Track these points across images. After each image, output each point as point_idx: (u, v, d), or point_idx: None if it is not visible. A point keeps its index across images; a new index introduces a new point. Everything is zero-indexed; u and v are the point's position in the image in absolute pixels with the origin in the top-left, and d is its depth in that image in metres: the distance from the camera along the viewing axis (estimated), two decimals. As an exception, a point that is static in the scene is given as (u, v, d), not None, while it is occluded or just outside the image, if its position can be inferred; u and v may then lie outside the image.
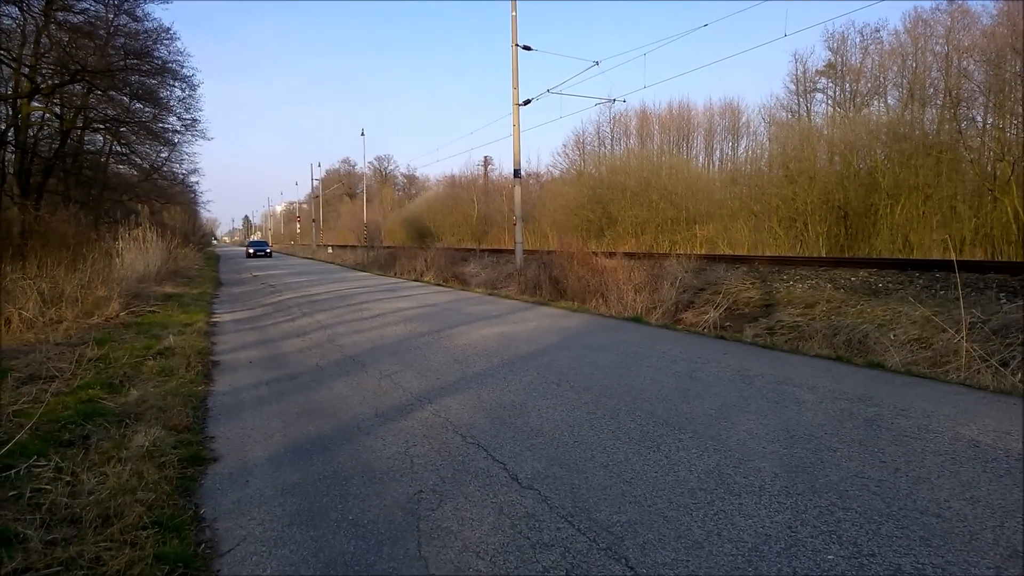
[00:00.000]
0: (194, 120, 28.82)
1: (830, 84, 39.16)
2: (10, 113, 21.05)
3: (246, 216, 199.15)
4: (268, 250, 60.94)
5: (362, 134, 61.70)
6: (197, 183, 42.05)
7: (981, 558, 3.26)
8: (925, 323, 10.37)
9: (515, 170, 23.34)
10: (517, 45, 22.39)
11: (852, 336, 10.98)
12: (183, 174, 34.91)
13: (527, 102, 23.42)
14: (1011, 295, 11.34)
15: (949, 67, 28.81)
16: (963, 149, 25.96)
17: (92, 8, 21.12)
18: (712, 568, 3.24)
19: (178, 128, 28.85)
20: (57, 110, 23.84)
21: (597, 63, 22.84)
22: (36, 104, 22.03)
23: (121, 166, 30.31)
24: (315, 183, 77.15)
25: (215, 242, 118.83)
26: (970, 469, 4.40)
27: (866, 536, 3.51)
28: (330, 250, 61.16)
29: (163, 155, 31.30)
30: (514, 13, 22.31)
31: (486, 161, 76.37)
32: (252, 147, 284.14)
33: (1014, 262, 16.97)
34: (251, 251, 58.62)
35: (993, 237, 23.86)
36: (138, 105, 26.00)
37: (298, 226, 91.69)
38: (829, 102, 38.71)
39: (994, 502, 3.88)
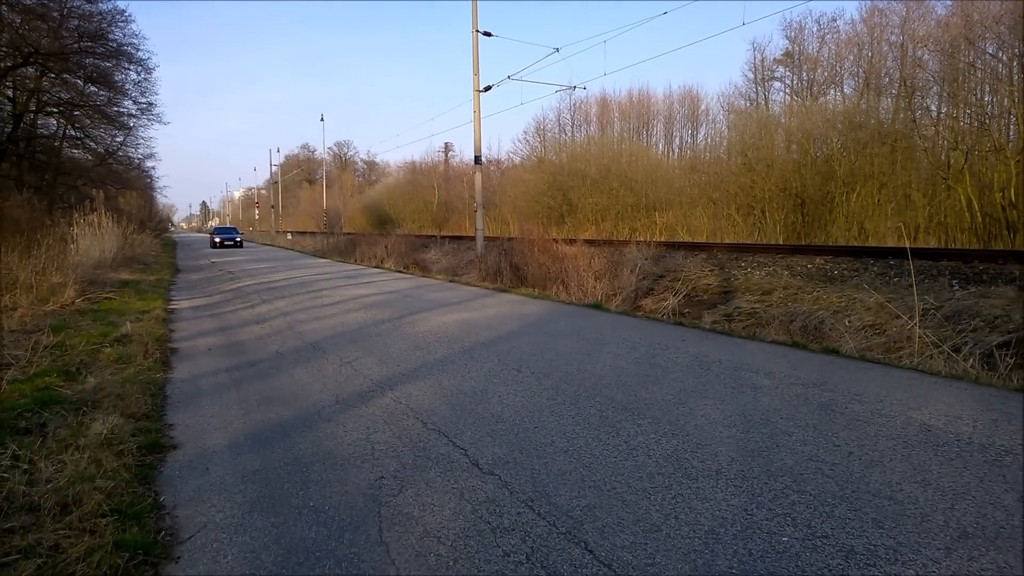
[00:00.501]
0: (150, 104, 28.45)
1: (788, 73, 39.68)
2: (-39, 97, 20.57)
3: (203, 202, 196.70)
4: (238, 238, 49.06)
5: (322, 119, 60.93)
6: (153, 168, 41.61)
7: (932, 539, 3.34)
8: (879, 309, 10.59)
9: (476, 156, 23.30)
10: (478, 31, 22.30)
11: (808, 322, 11.17)
12: (139, 159, 34.39)
13: (488, 88, 23.36)
14: (963, 282, 11.62)
15: (904, 57, 29.30)
16: (917, 138, 26.44)
17: (45, -11, 20.69)
18: (670, 550, 3.29)
19: (133, 112, 28.47)
20: (9, 93, 23.31)
21: (557, 50, 22.93)
22: (-12, 87, 21.51)
23: (75, 151, 29.76)
24: (274, 169, 76.26)
25: (172, 228, 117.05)
26: (922, 453, 4.51)
27: (820, 518, 3.59)
28: (289, 236, 60.55)
29: (118, 139, 30.80)
30: (475, -1, 22.19)
31: (447, 147, 76.11)
32: (210, 132, 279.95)
33: (966, 249, 17.36)
34: (217, 240, 47.26)
35: (947, 225, 24.35)
36: (92, 88, 25.58)
37: (257, 212, 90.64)
38: (787, 91, 39.23)
39: (945, 485, 3.98)
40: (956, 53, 25.74)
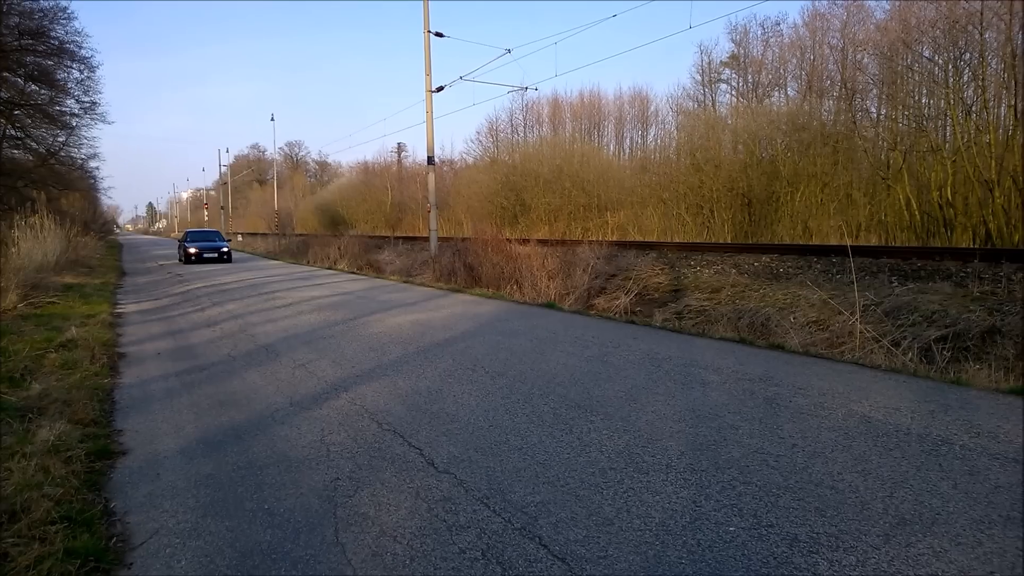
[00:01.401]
0: (93, 103, 27.91)
1: (734, 75, 40.29)
2: None
3: (150, 203, 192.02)
4: (225, 248, 31.49)
5: (272, 119, 59.92)
6: (97, 169, 40.56)
7: (872, 526, 3.47)
8: (823, 306, 10.86)
9: (429, 157, 23.24)
10: (429, 31, 22.28)
11: (755, 319, 11.41)
12: (82, 159, 33.62)
13: (440, 89, 23.33)
14: (902, 278, 11.96)
15: (845, 60, 30.00)
16: (858, 139, 27.06)
17: (-18, -14, 20.17)
18: (622, 543, 3.37)
19: (76, 111, 27.91)
20: (-54, 93, 22.64)
21: (509, 51, 22.90)
22: (-79, 86, 20.87)
23: (15, 151, 28.93)
24: (223, 169, 74.80)
25: (118, 230, 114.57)
26: (862, 443, 4.67)
27: (765, 508, 3.71)
28: (240, 238, 59.63)
29: (60, 139, 30.09)
30: (426, -1, 22.18)
31: (399, 148, 75.83)
32: (156, 131, 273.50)
33: (905, 247, 17.85)
34: (192, 250, 30.05)
35: (887, 223, 24.96)
36: (33, 87, 24.99)
37: (206, 214, 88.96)
38: (733, 93, 39.82)
39: (884, 474, 4.13)
40: (894, 56, 26.43)
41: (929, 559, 3.15)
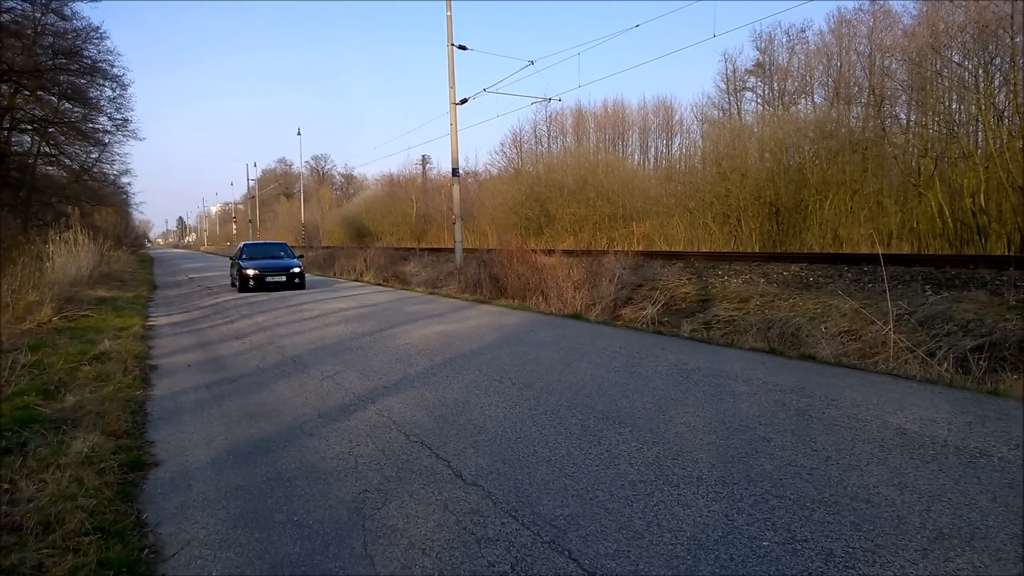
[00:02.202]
0: (125, 120, 28.38)
1: (759, 83, 40.07)
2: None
3: (180, 217, 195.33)
4: (296, 268, 21.53)
5: (298, 133, 60.50)
6: (129, 184, 41.06)
7: (909, 541, 3.40)
8: (854, 315, 10.71)
9: (453, 168, 23.34)
10: (453, 45, 22.42)
11: (785, 329, 11.27)
12: (114, 175, 34.17)
13: (464, 101, 23.43)
14: (936, 287, 11.76)
15: (872, 66, 29.71)
16: (888, 146, 26.74)
17: (19, 7, 20.65)
18: (653, 557, 3.32)
19: (109, 128, 28.41)
20: (-17, 111, 23.11)
21: (532, 62, 22.97)
22: (-40, 105, 21.35)
23: (50, 168, 29.54)
24: (251, 183, 75.64)
25: (148, 244, 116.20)
26: (898, 456, 4.58)
27: (799, 522, 3.64)
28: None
29: (93, 156, 30.62)
30: (449, 13, 22.34)
31: (424, 160, 76.03)
32: (186, 147, 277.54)
33: (939, 255, 17.59)
34: (251, 272, 20.60)
35: (919, 231, 24.60)
36: (67, 105, 25.50)
37: (234, 227, 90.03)
38: (759, 100, 39.57)
39: (921, 487, 4.05)
40: (923, 62, 26.11)
41: (969, 575, 3.07)
